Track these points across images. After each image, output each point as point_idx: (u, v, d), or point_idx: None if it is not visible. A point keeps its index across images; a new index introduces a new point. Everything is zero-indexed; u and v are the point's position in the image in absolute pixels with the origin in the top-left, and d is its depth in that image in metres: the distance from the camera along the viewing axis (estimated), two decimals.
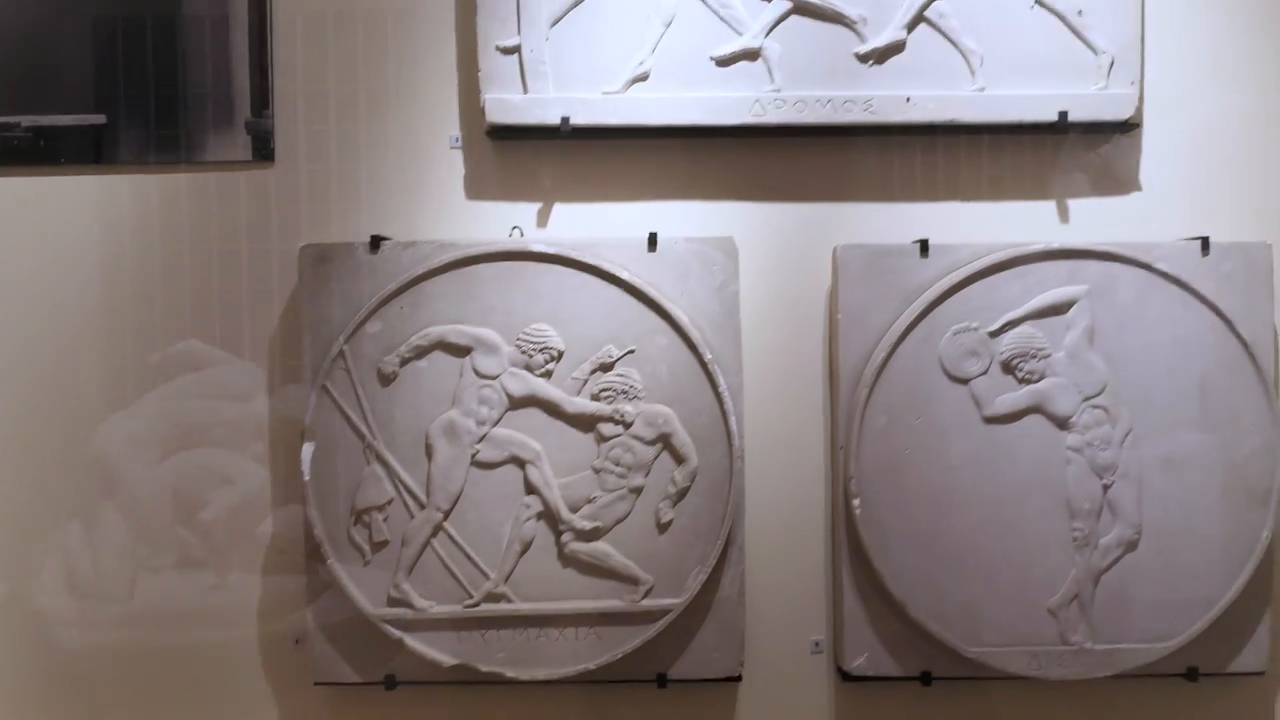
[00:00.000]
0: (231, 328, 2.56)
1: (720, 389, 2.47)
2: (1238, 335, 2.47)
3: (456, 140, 2.58)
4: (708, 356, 2.46)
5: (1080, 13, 2.50)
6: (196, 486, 2.56)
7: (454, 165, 2.57)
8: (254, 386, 2.55)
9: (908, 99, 2.49)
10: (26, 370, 2.59)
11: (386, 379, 2.49)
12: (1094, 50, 2.49)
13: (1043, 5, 2.49)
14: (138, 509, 2.58)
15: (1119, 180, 2.59)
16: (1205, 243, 2.50)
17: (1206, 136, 2.58)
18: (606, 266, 2.47)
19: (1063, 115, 2.48)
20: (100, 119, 2.59)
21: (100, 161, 2.58)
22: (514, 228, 2.58)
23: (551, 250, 2.47)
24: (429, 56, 2.56)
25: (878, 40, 2.48)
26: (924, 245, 2.50)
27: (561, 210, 2.59)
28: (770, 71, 2.48)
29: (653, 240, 2.49)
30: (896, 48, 2.49)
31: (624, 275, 2.47)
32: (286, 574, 2.56)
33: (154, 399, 2.55)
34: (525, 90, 2.50)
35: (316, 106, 2.57)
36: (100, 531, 2.60)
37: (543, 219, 2.60)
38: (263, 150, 2.59)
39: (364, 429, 2.50)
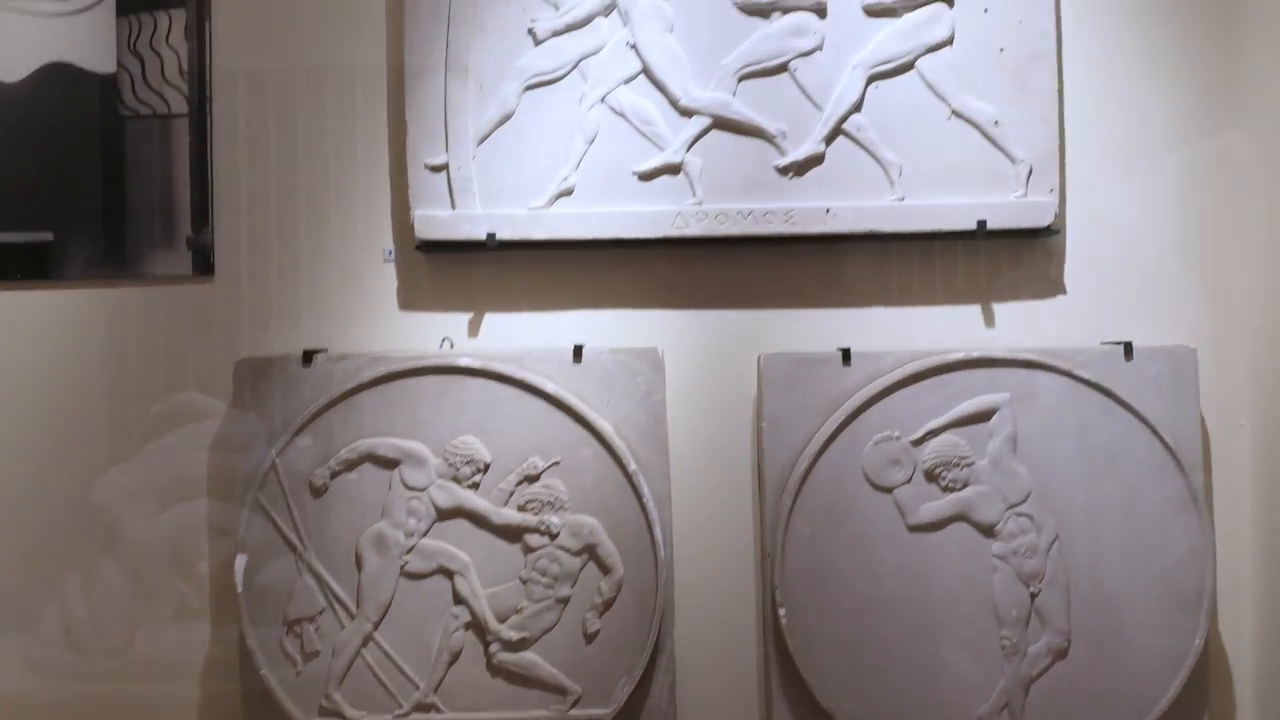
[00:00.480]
0: (169, 442, 2.58)
1: (644, 499, 2.47)
2: (1163, 441, 2.44)
3: (390, 254, 2.62)
4: (631, 467, 2.47)
5: (997, 123, 2.51)
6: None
7: (388, 278, 2.61)
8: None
9: (827, 210, 2.51)
10: None
11: (318, 491, 2.50)
12: (1012, 159, 2.50)
13: (960, 116, 2.51)
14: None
15: (1043, 284, 2.59)
16: (1128, 348, 2.51)
17: (1130, 239, 2.57)
18: (531, 380, 2.49)
19: (981, 224, 2.48)
20: (48, 236, 2.71)
21: (48, 277, 2.71)
22: (444, 339, 2.62)
23: (477, 364, 2.50)
24: (365, 173, 2.61)
25: (797, 153, 2.50)
26: (846, 354, 2.50)
27: (492, 320, 2.61)
28: (692, 185, 2.51)
29: (578, 352, 2.51)
30: (816, 160, 2.51)
31: (548, 388, 2.49)
32: (221, 683, 2.61)
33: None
34: (453, 206, 2.54)
35: (256, 222, 2.62)
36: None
37: (474, 329, 2.63)
38: (203, 265, 2.64)
39: (296, 540, 2.51)
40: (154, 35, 2.65)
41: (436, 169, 2.53)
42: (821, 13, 2.50)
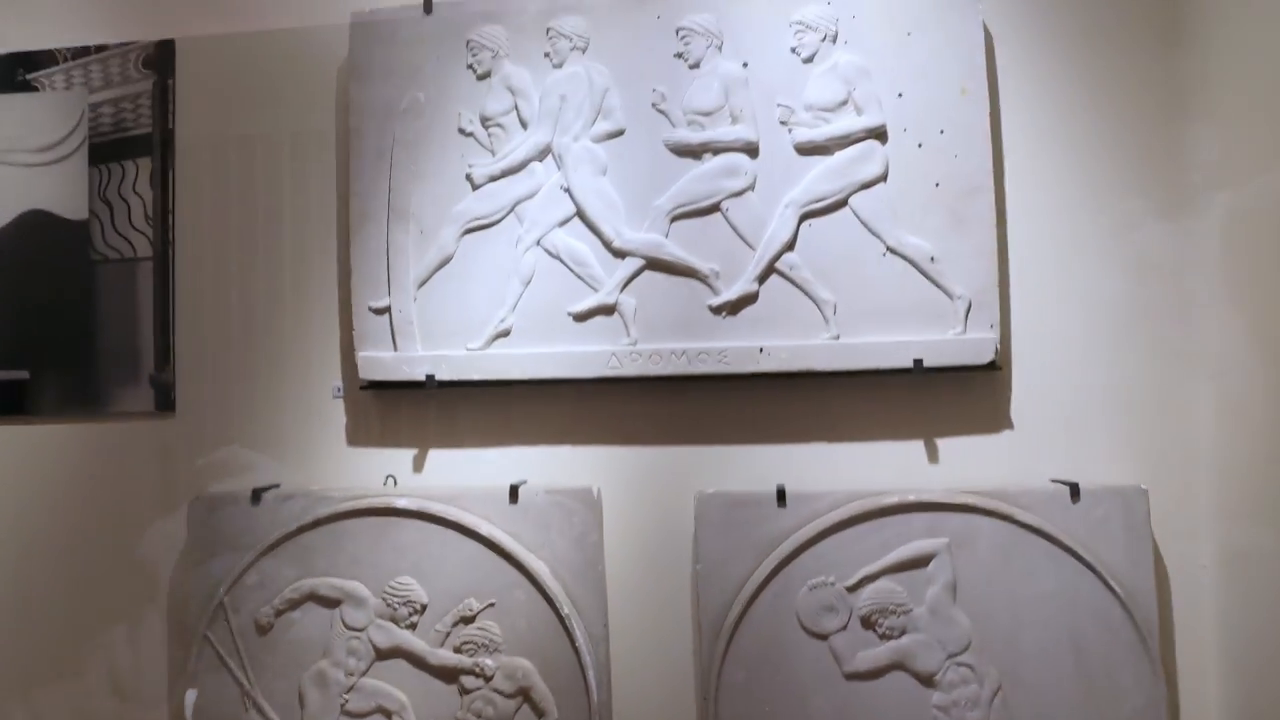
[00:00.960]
0: (130, 574, 2.67)
1: (578, 643, 2.43)
2: (1111, 588, 2.32)
3: (339, 390, 2.68)
4: (565, 610, 2.44)
5: (933, 259, 2.45)
6: None
7: (337, 414, 2.66)
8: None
9: (761, 349, 2.47)
10: None
11: (263, 629, 2.54)
12: (950, 295, 2.43)
13: (895, 253, 2.45)
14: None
15: (988, 419, 2.50)
16: (1075, 489, 2.40)
17: (1079, 372, 2.47)
18: (467, 522, 2.49)
19: (918, 362, 2.43)
20: (24, 375, 2.83)
21: (25, 413, 2.81)
22: (388, 477, 2.64)
23: (414, 507, 2.51)
24: (317, 314, 2.66)
25: (730, 293, 2.48)
26: (781, 494, 2.44)
27: (436, 456, 2.64)
28: (626, 325, 2.51)
29: (514, 492, 2.52)
30: (749, 299, 2.48)
31: (483, 529, 2.48)
32: None
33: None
34: (395, 348, 2.59)
35: (215, 360, 2.68)
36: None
37: (419, 465, 2.66)
38: (164, 402, 2.73)
39: (242, 677, 2.54)
40: (122, 183, 2.77)
41: (379, 311, 2.58)
42: (753, 153, 2.49)
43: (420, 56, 2.59)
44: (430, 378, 2.55)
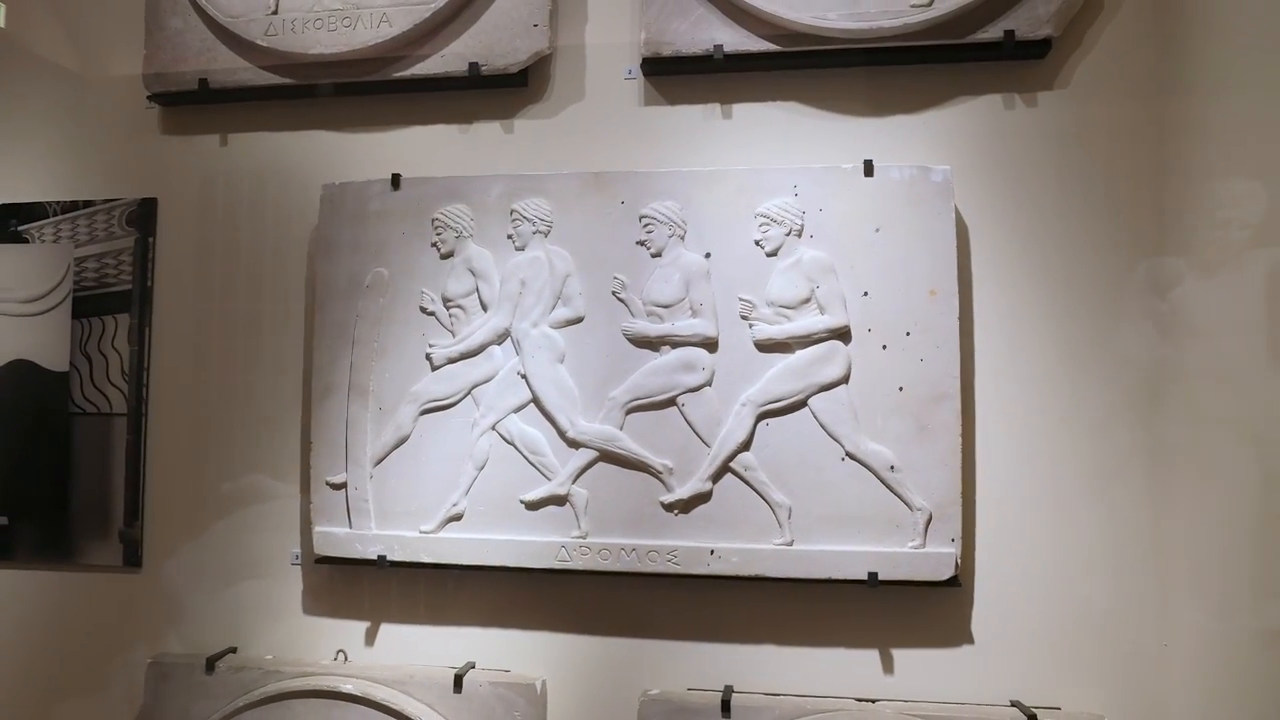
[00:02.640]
0: None
1: None
2: None
3: (296, 559, 2.62)
4: None
5: (893, 468, 2.28)
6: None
7: (295, 582, 2.58)
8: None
9: (712, 551, 2.33)
10: None
11: None
12: (909, 506, 2.26)
13: (854, 458, 2.29)
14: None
15: (947, 633, 2.32)
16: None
17: (1042, 592, 2.28)
18: (409, 711, 2.38)
19: (872, 575, 2.27)
20: (4, 520, 2.80)
21: (3, 557, 2.80)
22: (339, 651, 2.55)
23: (359, 692, 2.40)
24: (282, 483, 2.56)
25: (683, 491, 2.34)
26: (725, 705, 2.27)
27: (388, 630, 2.53)
28: (577, 517, 2.38)
29: (458, 682, 2.40)
30: (702, 498, 2.34)
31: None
32: None
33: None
34: (350, 525, 2.49)
35: (182, 520, 2.61)
36: None
37: (370, 638, 2.55)
38: (132, 557, 2.69)
39: None
40: (102, 337, 2.74)
41: (336, 486, 2.50)
42: (711, 347, 2.35)
43: (386, 232, 2.51)
44: (382, 558, 2.45)
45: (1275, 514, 1.97)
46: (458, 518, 2.46)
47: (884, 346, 2.31)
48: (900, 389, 2.30)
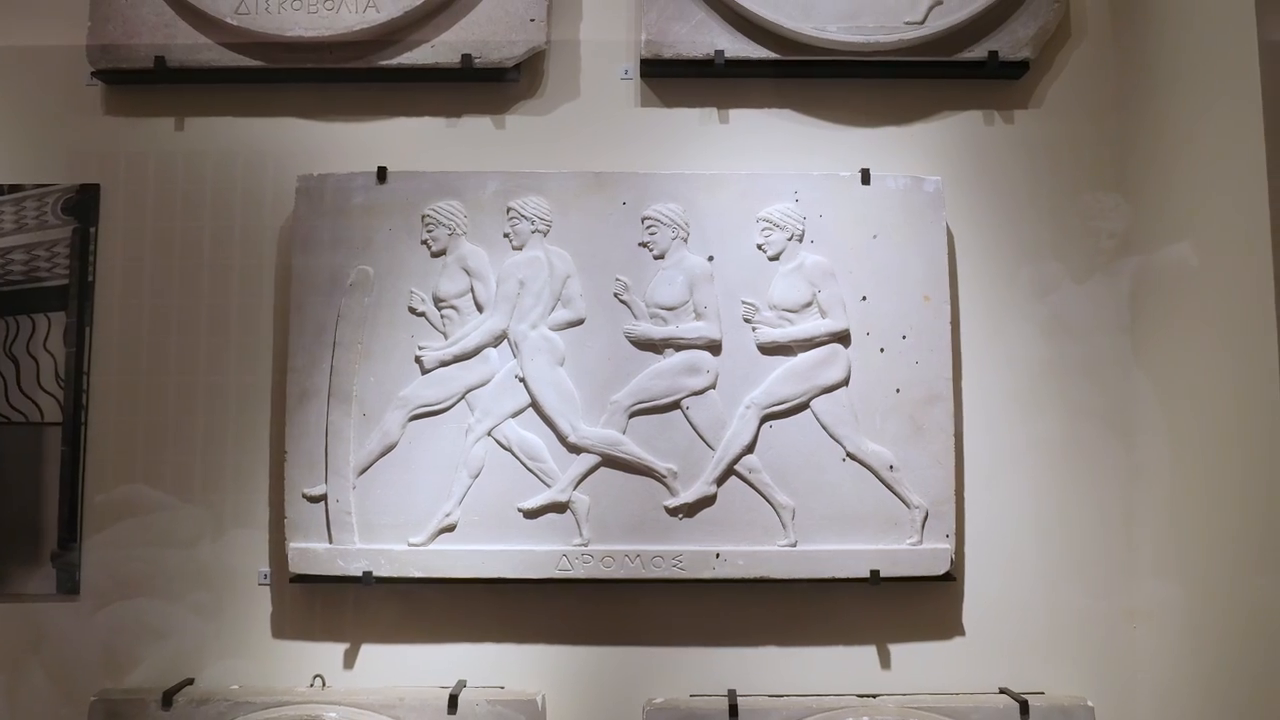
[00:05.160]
0: None
1: None
2: None
3: (265, 578, 2.31)
4: None
5: (892, 467, 2.25)
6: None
7: (262, 603, 2.28)
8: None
9: (717, 555, 2.22)
10: None
11: None
12: (907, 504, 2.23)
13: (855, 459, 2.25)
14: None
15: (941, 627, 2.30)
16: (1024, 707, 2.21)
17: (1029, 584, 2.30)
18: None
19: (875, 573, 2.22)
20: None
21: None
22: (315, 676, 2.26)
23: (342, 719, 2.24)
24: (244, 495, 2.27)
25: (688, 494, 2.23)
26: (733, 709, 2.16)
27: (369, 652, 2.27)
28: (579, 524, 2.22)
29: (453, 702, 2.17)
30: (707, 501, 2.24)
31: None
32: None
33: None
34: (330, 540, 2.23)
35: (125, 539, 2.28)
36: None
37: (349, 660, 2.28)
38: (68, 584, 2.30)
39: None
40: (31, 338, 2.34)
41: (314, 499, 2.23)
42: (715, 350, 2.26)
43: (371, 228, 2.28)
44: (367, 575, 2.20)
45: (1225, 507, 2.05)
46: (450, 529, 2.24)
47: (882, 349, 2.28)
48: (897, 390, 2.28)
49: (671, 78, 2.40)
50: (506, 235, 2.29)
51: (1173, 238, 2.25)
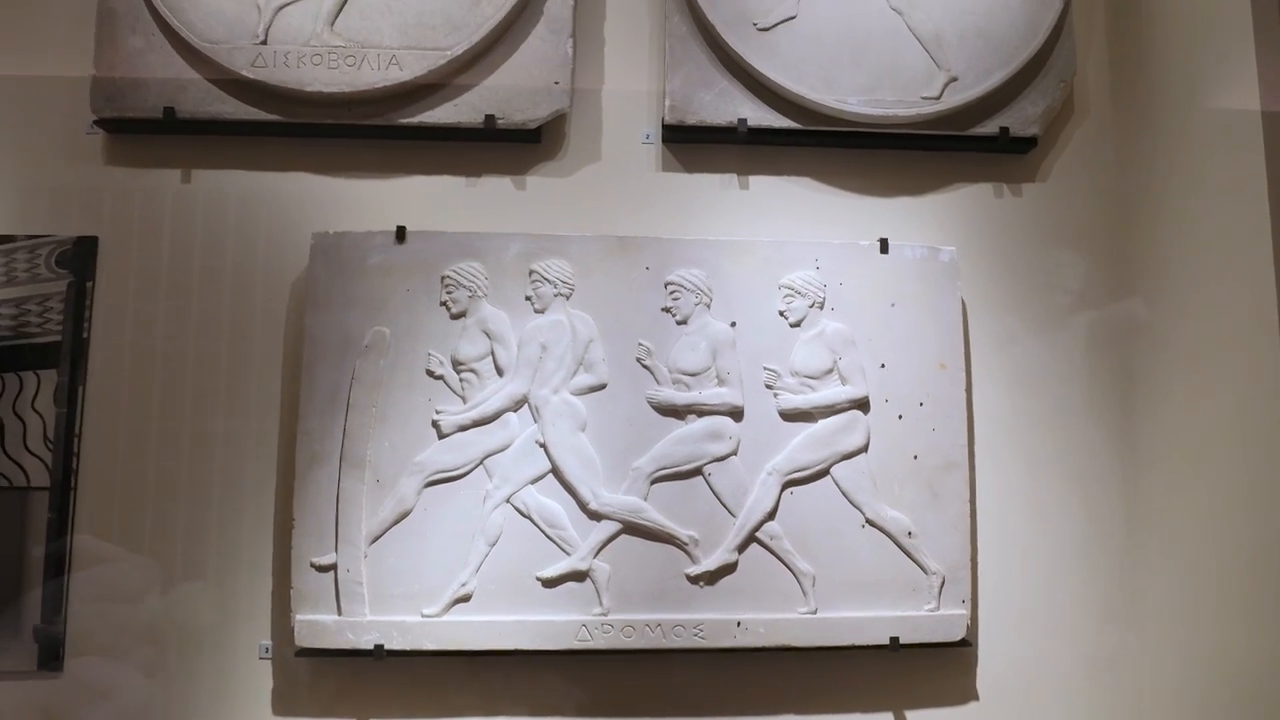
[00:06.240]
0: None
1: None
2: None
3: (266, 651, 2.16)
4: None
5: (910, 534, 2.23)
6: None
7: (262, 678, 2.13)
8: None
9: (739, 623, 2.16)
10: None
11: None
12: (925, 570, 2.21)
13: (874, 525, 2.22)
14: None
15: (957, 692, 2.27)
16: None
17: (1041, 649, 2.28)
18: None
19: (894, 640, 2.18)
20: None
21: None
22: None
23: None
24: (245, 564, 2.14)
25: (709, 562, 2.16)
26: None
27: None
28: (599, 593, 2.14)
29: None
30: (728, 569, 2.18)
31: None
32: None
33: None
34: (340, 612, 2.10)
35: (115, 613, 2.11)
36: None
37: None
38: (50, 660, 2.10)
39: None
40: (18, 397, 2.17)
41: (323, 569, 2.10)
42: (737, 416, 2.21)
43: (388, 288, 2.18)
44: (379, 648, 2.07)
45: (1233, 572, 2.06)
46: (466, 599, 2.13)
47: (900, 416, 2.26)
48: (915, 457, 2.26)
49: (693, 143, 2.37)
50: (528, 298, 2.22)
51: (1173, 310, 2.31)
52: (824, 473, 2.25)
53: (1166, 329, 2.35)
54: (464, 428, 2.16)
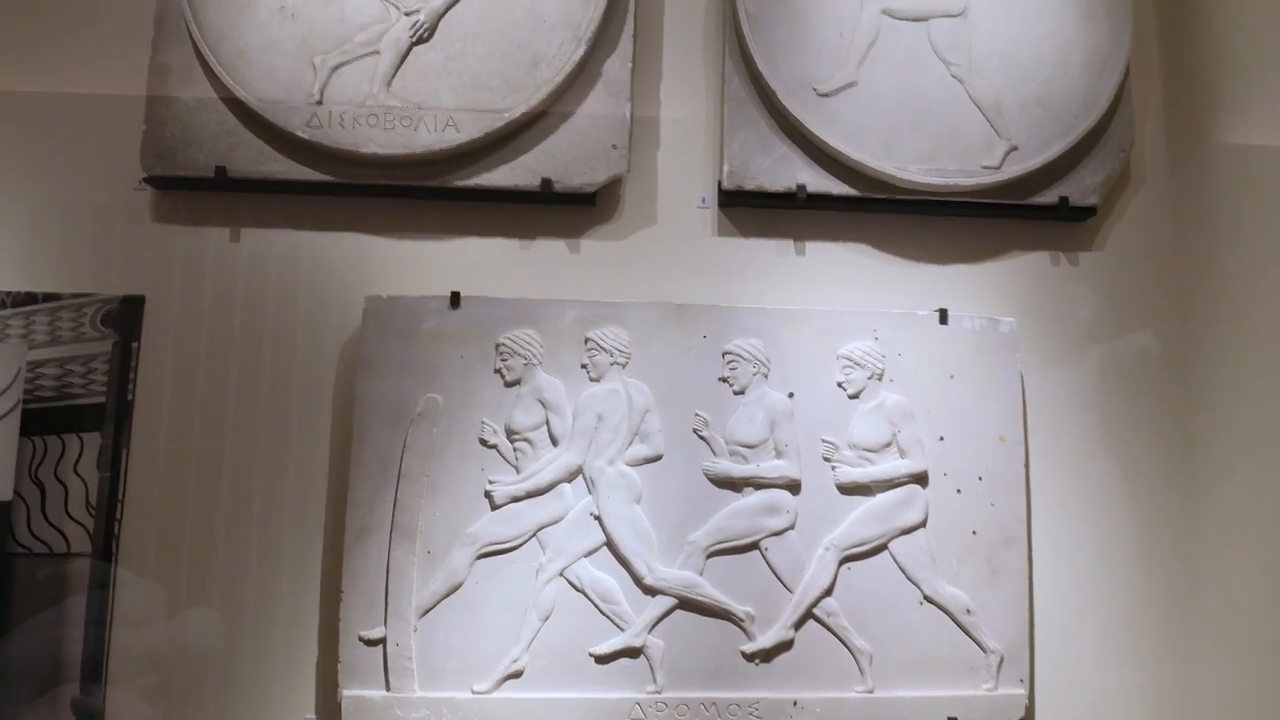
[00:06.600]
0: None
1: None
2: None
3: None
4: None
5: (969, 611, 2.17)
6: None
7: None
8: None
9: (795, 703, 2.10)
10: None
11: None
12: (983, 649, 2.15)
13: (932, 602, 2.17)
14: None
15: None
16: None
17: None
18: None
19: None
20: None
21: None
22: None
23: None
24: (287, 638, 2.08)
25: (765, 639, 2.11)
26: None
27: None
28: (653, 670, 2.08)
29: None
30: (784, 646, 2.12)
31: None
32: None
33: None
34: (388, 688, 2.03)
35: (156, 685, 2.06)
36: None
37: None
38: None
39: None
40: (60, 461, 2.12)
41: (372, 643, 2.03)
42: (795, 489, 2.17)
43: (441, 354, 2.13)
44: None
45: None
46: (517, 675, 2.06)
47: (958, 490, 2.21)
48: (973, 532, 2.20)
49: (749, 207, 2.32)
50: (584, 366, 2.17)
51: (1236, 381, 2.26)
52: (882, 548, 2.19)
53: (1229, 400, 2.31)
54: (517, 499, 2.11)
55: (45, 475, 2.12)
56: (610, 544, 2.12)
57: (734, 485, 2.17)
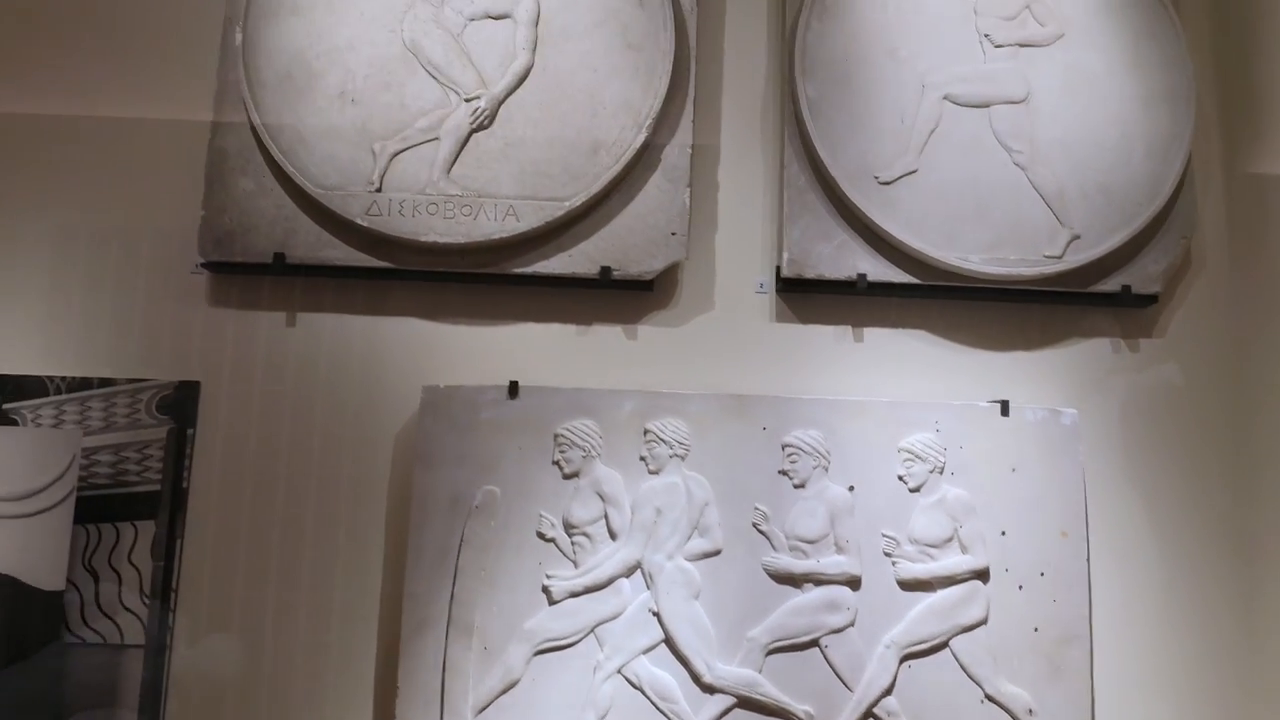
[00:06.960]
0: None
1: None
2: None
3: None
4: None
5: (1031, 711, 2.09)
6: None
7: None
8: None
9: None
10: None
11: None
12: None
13: (993, 701, 2.11)
14: None
15: None
16: None
17: None
18: None
19: None
20: None
21: None
22: None
23: None
24: None
25: None
26: None
27: None
28: None
29: None
30: None
31: None
32: None
33: None
34: None
35: None
36: None
37: None
38: None
39: None
40: (115, 549, 2.09)
41: None
42: (855, 585, 2.12)
43: (499, 445, 2.11)
44: None
45: None
46: None
47: (1020, 586, 2.16)
48: (1035, 630, 2.15)
49: (807, 293, 2.29)
50: (643, 458, 2.13)
51: None
52: (943, 645, 2.14)
53: None
54: (575, 594, 2.07)
55: (99, 563, 2.09)
56: (669, 641, 2.08)
57: (794, 581, 2.13)
